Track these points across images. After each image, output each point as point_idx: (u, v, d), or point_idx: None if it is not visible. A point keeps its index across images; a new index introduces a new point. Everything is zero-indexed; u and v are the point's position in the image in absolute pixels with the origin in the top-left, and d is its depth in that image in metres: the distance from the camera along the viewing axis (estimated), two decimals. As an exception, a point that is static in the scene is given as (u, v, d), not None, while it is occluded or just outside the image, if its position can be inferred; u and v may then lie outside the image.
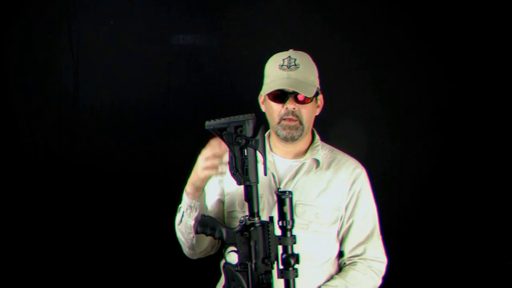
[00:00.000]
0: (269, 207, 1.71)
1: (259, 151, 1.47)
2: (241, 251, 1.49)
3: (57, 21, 2.62)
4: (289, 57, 1.69)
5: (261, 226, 1.48)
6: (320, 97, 1.76)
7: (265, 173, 1.50)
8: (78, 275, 2.60)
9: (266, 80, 1.73)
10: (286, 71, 1.67)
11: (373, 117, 2.54)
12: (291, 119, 1.67)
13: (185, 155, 2.53)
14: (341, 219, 1.74)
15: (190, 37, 2.62)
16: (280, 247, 1.45)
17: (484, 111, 2.47)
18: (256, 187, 1.48)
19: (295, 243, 1.44)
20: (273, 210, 1.69)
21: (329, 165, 1.77)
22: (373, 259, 1.74)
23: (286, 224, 1.43)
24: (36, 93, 2.64)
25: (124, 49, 2.62)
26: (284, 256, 1.44)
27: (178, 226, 1.71)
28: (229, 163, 1.48)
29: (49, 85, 2.63)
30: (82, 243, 2.60)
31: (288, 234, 1.44)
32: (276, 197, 1.47)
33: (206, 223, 1.55)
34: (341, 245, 1.76)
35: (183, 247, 1.76)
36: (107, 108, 2.64)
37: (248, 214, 1.49)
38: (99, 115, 2.64)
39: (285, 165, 1.76)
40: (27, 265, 2.59)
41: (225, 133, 1.47)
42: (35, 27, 2.61)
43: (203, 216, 1.59)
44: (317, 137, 1.81)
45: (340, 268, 1.76)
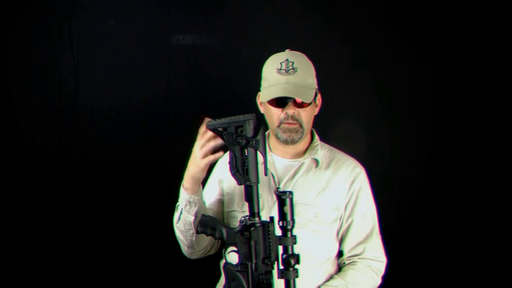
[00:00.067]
0: (268, 207, 1.71)
1: (259, 151, 1.47)
2: (241, 251, 1.49)
3: (57, 21, 2.62)
4: (287, 60, 1.68)
5: (261, 226, 1.48)
6: (319, 96, 1.75)
7: (266, 173, 1.50)
8: (78, 275, 2.60)
9: (264, 83, 1.72)
10: (284, 75, 1.66)
11: (373, 117, 2.54)
12: (291, 123, 1.67)
13: (185, 155, 2.54)
14: (340, 219, 1.74)
15: (190, 37, 2.62)
16: (280, 247, 1.45)
17: (484, 111, 2.47)
18: (257, 187, 1.48)
19: (295, 243, 1.44)
20: (272, 209, 1.69)
21: (328, 164, 1.77)
22: (372, 258, 1.74)
23: (286, 224, 1.43)
24: (36, 93, 2.63)
25: (124, 49, 2.62)
26: (284, 256, 1.43)
27: (176, 225, 1.71)
28: (229, 163, 1.48)
29: (49, 85, 2.63)
30: (82, 243, 2.60)
31: (289, 234, 1.44)
32: (276, 197, 1.46)
33: (207, 223, 1.55)
34: (340, 244, 1.76)
35: (182, 246, 1.76)
36: (107, 108, 2.64)
37: (248, 214, 1.50)
38: (99, 115, 2.63)
39: (284, 165, 1.76)
40: (27, 265, 2.59)
41: (225, 133, 1.47)
42: (35, 27, 2.61)
43: (203, 216, 1.59)
44: (316, 137, 1.81)
45: (340, 268, 1.76)
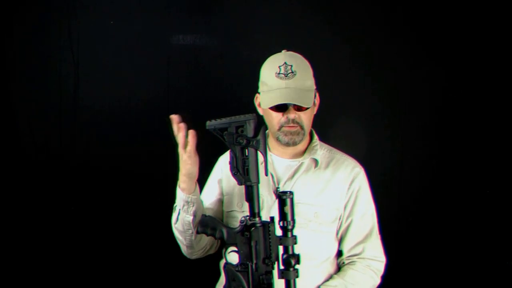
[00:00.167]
0: (267, 206, 1.71)
1: (260, 151, 1.47)
2: (241, 251, 1.49)
3: (57, 21, 2.62)
4: (285, 63, 1.67)
5: (262, 226, 1.47)
6: (317, 95, 1.75)
7: (266, 173, 1.50)
8: (78, 275, 2.60)
9: (263, 88, 1.70)
10: (283, 79, 1.65)
11: (373, 117, 2.54)
12: (292, 126, 1.67)
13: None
14: (339, 219, 1.74)
15: (190, 37, 2.62)
16: (280, 247, 1.45)
17: (484, 111, 2.47)
18: (257, 187, 1.48)
19: (296, 243, 1.44)
20: (272, 209, 1.69)
21: (327, 164, 1.77)
22: (372, 258, 1.74)
23: (287, 224, 1.43)
24: (36, 93, 2.63)
25: (124, 49, 2.62)
26: (284, 257, 1.43)
27: (175, 225, 1.70)
28: (230, 163, 1.48)
29: (49, 85, 2.63)
30: (82, 243, 2.60)
31: (289, 234, 1.43)
32: (276, 197, 1.46)
33: (207, 223, 1.55)
34: (340, 244, 1.76)
35: (182, 246, 1.76)
36: (107, 108, 2.63)
37: (248, 214, 1.49)
38: (99, 115, 2.63)
39: (283, 165, 1.76)
40: (27, 265, 2.59)
41: (226, 133, 1.47)
42: (35, 27, 2.61)
43: (203, 216, 1.59)
44: (316, 137, 1.80)
45: (339, 268, 1.77)
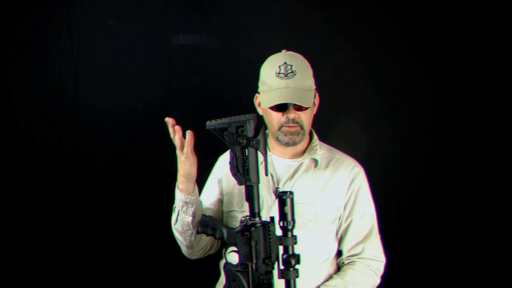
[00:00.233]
0: (267, 207, 1.71)
1: (260, 151, 1.47)
2: (242, 251, 1.49)
3: (57, 21, 2.61)
4: (285, 63, 1.67)
5: (262, 226, 1.48)
6: (317, 95, 1.75)
7: (266, 173, 1.50)
8: (78, 275, 2.60)
9: (263, 87, 1.71)
10: (283, 79, 1.65)
11: (373, 117, 2.54)
12: (292, 126, 1.67)
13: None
14: (339, 219, 1.75)
15: (190, 37, 2.62)
16: (281, 247, 1.46)
17: (484, 111, 2.47)
18: (257, 187, 1.49)
19: (296, 243, 1.44)
20: (271, 210, 1.69)
21: (327, 164, 1.77)
22: (371, 258, 1.75)
23: (287, 224, 1.43)
24: (36, 93, 2.63)
25: (124, 49, 2.61)
26: (285, 257, 1.44)
27: (174, 226, 1.71)
28: (230, 163, 1.49)
29: (49, 85, 2.62)
30: (82, 243, 2.60)
31: (289, 234, 1.44)
32: (276, 197, 1.47)
33: (207, 223, 1.55)
34: (339, 244, 1.77)
35: (182, 247, 1.76)
36: (107, 108, 2.63)
37: (248, 214, 1.50)
38: (99, 115, 2.63)
39: (283, 165, 1.76)
40: (27, 265, 2.59)
41: (226, 133, 1.48)
42: (35, 27, 2.60)
43: (203, 216, 1.59)
44: (315, 137, 1.81)
45: (339, 268, 1.77)
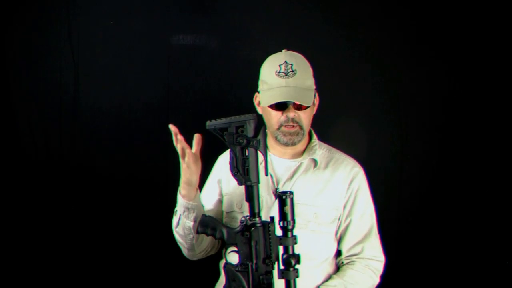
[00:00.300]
0: (267, 207, 1.71)
1: (260, 151, 1.47)
2: (242, 251, 1.49)
3: (57, 21, 2.61)
4: (285, 62, 1.67)
5: (262, 226, 1.48)
6: (317, 95, 1.75)
7: (266, 173, 1.50)
8: (78, 275, 2.60)
9: (263, 86, 1.71)
10: (284, 78, 1.65)
11: (373, 117, 2.54)
12: (291, 126, 1.67)
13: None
14: (339, 219, 1.74)
15: (190, 37, 2.62)
16: (281, 247, 1.46)
17: (484, 111, 2.47)
18: (257, 187, 1.48)
19: (296, 243, 1.44)
20: (271, 210, 1.69)
21: (326, 164, 1.77)
22: (371, 258, 1.75)
23: (287, 224, 1.43)
24: (36, 93, 2.63)
25: (124, 49, 2.61)
26: (285, 257, 1.43)
27: (176, 229, 1.71)
28: (230, 163, 1.48)
29: (49, 85, 2.62)
30: (82, 243, 2.60)
31: (289, 234, 1.44)
32: (276, 197, 1.47)
33: (207, 223, 1.55)
34: (339, 244, 1.77)
35: (183, 249, 1.76)
36: (107, 108, 2.63)
37: (248, 214, 1.49)
38: (99, 115, 2.63)
39: (282, 165, 1.76)
40: (27, 265, 2.59)
41: (226, 133, 1.47)
42: (35, 27, 2.60)
43: (203, 216, 1.59)
44: (315, 137, 1.81)
45: (338, 267, 1.77)
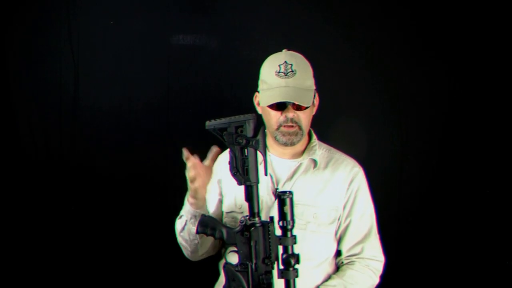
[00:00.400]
0: (267, 207, 1.70)
1: (259, 151, 1.47)
2: (241, 251, 1.49)
3: (57, 21, 2.62)
4: (285, 62, 1.67)
5: (261, 226, 1.47)
6: (316, 96, 1.75)
7: (266, 173, 1.50)
8: (78, 275, 2.60)
9: (263, 86, 1.70)
10: (283, 78, 1.65)
11: (373, 117, 2.54)
12: (290, 126, 1.66)
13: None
14: (338, 219, 1.74)
15: (190, 37, 2.62)
16: (280, 247, 1.45)
17: (484, 111, 2.47)
18: (257, 187, 1.48)
19: (295, 243, 1.44)
20: (271, 210, 1.69)
21: (326, 164, 1.77)
22: (370, 258, 1.74)
23: (286, 224, 1.43)
24: (36, 93, 2.63)
25: (124, 49, 2.62)
26: (284, 256, 1.43)
27: (180, 233, 1.71)
28: (229, 163, 1.48)
29: (49, 85, 2.63)
30: (82, 243, 2.60)
31: (289, 234, 1.43)
32: (276, 197, 1.46)
33: (207, 223, 1.55)
34: (338, 244, 1.76)
35: (185, 251, 1.77)
36: (107, 108, 2.63)
37: (248, 214, 1.49)
38: (99, 115, 2.63)
39: (282, 165, 1.76)
40: (27, 265, 2.59)
41: (225, 133, 1.47)
42: (35, 27, 2.61)
43: (203, 216, 1.59)
44: (314, 137, 1.80)
45: (338, 267, 1.77)
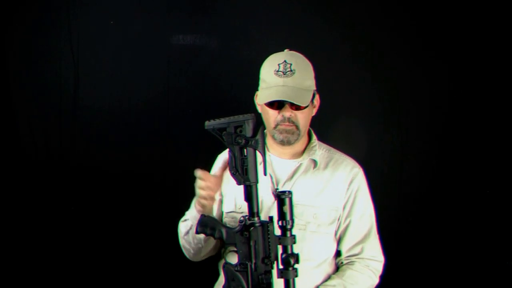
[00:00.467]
0: (266, 207, 1.70)
1: (258, 151, 1.47)
2: (241, 251, 1.49)
3: (57, 21, 2.62)
4: (285, 61, 1.67)
5: (260, 226, 1.47)
6: (317, 97, 1.74)
7: (265, 173, 1.50)
8: (78, 275, 2.60)
9: (262, 84, 1.71)
10: (282, 77, 1.65)
11: (373, 117, 2.54)
12: (287, 125, 1.66)
13: (185, 155, 2.54)
14: (338, 219, 1.74)
15: (190, 37, 2.62)
16: (279, 247, 1.45)
17: (484, 111, 2.47)
18: (256, 187, 1.48)
19: (294, 243, 1.44)
20: (271, 210, 1.69)
21: (326, 165, 1.77)
22: (370, 258, 1.74)
23: (285, 224, 1.43)
24: (36, 93, 2.64)
25: (124, 49, 2.62)
26: (283, 256, 1.43)
27: (184, 236, 1.71)
28: (228, 163, 1.48)
29: (49, 85, 2.63)
30: (82, 243, 2.60)
31: (288, 234, 1.44)
32: (275, 197, 1.46)
33: (206, 223, 1.55)
34: (338, 244, 1.76)
35: (187, 253, 1.77)
36: (107, 108, 2.63)
37: (247, 214, 1.49)
38: (99, 115, 2.63)
39: (282, 165, 1.76)
40: (27, 265, 2.59)
41: (225, 133, 1.47)
42: (35, 27, 2.61)
43: (202, 216, 1.59)
44: (314, 137, 1.80)
45: (337, 268, 1.77)
